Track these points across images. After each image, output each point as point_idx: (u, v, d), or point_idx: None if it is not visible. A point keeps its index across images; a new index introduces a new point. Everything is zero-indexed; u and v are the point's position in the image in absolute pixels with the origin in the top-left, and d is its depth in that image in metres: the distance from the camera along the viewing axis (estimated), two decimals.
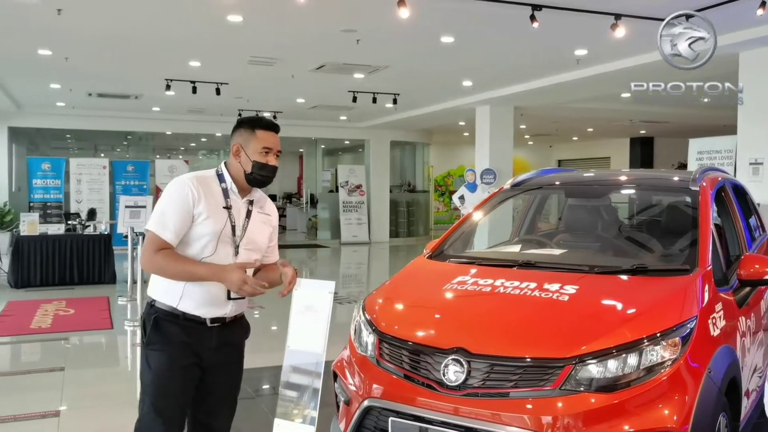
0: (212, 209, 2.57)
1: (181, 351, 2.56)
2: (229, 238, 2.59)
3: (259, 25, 7.21)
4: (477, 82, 10.82)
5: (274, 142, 2.67)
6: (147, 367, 2.57)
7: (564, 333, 2.71)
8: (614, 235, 4.07)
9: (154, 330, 2.55)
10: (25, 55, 8.85)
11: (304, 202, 20.13)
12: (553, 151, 23.83)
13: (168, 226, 2.51)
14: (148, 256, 2.52)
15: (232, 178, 2.66)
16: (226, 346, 2.70)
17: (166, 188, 2.61)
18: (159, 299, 2.58)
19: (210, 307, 2.59)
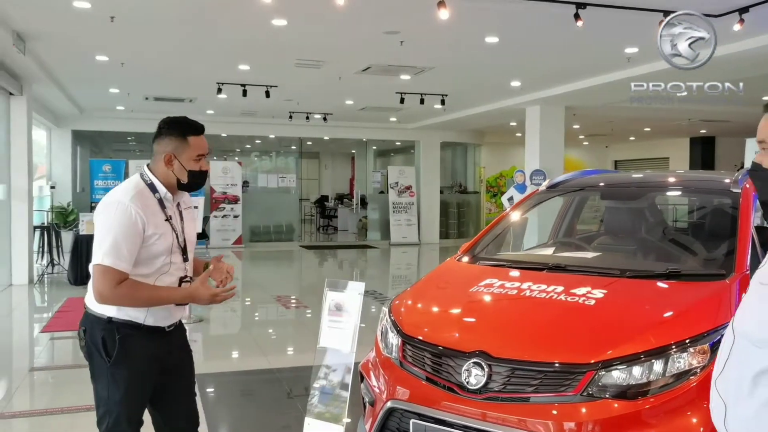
0: (159, 226, 2.50)
1: (148, 364, 2.57)
2: (177, 248, 2.58)
3: (303, 28, 7.31)
4: (525, 82, 10.68)
5: (205, 146, 2.59)
6: (115, 386, 2.49)
7: (587, 338, 2.66)
8: (651, 238, 3.96)
9: (122, 348, 2.48)
10: (85, 61, 9.22)
11: (354, 204, 20.26)
12: (609, 151, 23.29)
13: (123, 257, 2.40)
14: (109, 290, 2.38)
15: (163, 185, 2.56)
16: (180, 346, 2.76)
17: (104, 214, 2.45)
18: (117, 315, 2.48)
19: (169, 317, 2.62)
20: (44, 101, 12.60)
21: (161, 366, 2.62)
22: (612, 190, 4.22)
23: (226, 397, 5.16)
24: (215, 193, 16.15)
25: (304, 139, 18.63)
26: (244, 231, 16.45)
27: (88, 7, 6.52)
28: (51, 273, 11.03)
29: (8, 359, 6.37)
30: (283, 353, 6.52)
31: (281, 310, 8.63)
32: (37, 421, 4.55)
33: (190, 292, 2.51)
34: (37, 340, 7.04)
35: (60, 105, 13.33)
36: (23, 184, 10.25)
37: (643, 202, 4.06)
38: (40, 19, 7.08)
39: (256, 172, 18.91)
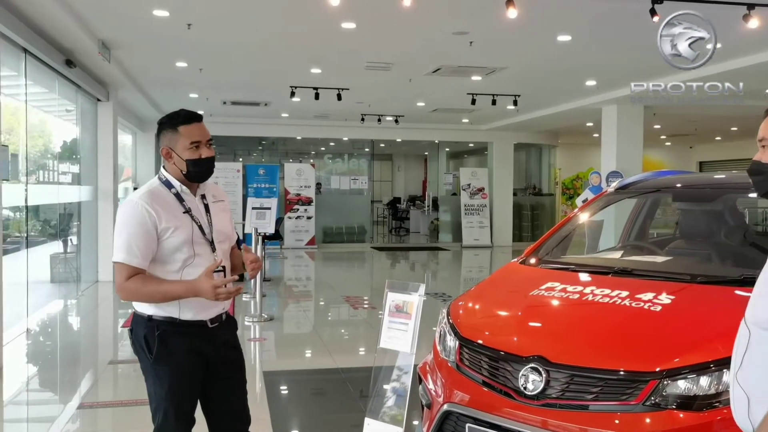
0: (175, 219, 2.53)
1: (191, 361, 2.57)
2: (201, 239, 2.58)
3: (371, 30, 7.36)
4: (601, 81, 10.37)
5: (200, 134, 2.57)
6: (159, 385, 2.54)
7: (651, 345, 2.54)
8: (730, 242, 3.75)
9: (162, 346, 2.52)
10: (165, 67, 9.60)
11: (426, 206, 20.23)
12: (694, 152, 22.31)
13: (135, 252, 2.45)
14: (120, 285, 2.47)
15: (178, 181, 2.61)
16: (227, 344, 2.72)
17: (119, 214, 2.53)
18: (156, 313, 2.53)
19: (207, 310, 2.60)
20: (129, 106, 13.21)
21: (206, 362, 2.62)
22: (686, 192, 4.02)
23: (290, 395, 5.25)
24: (289, 195, 16.49)
25: (376, 141, 18.76)
26: (317, 232, 16.71)
27: (167, 15, 6.78)
28: None
29: (91, 352, 6.71)
30: (349, 353, 6.57)
31: (350, 310, 8.71)
32: (114, 411, 4.77)
33: (192, 285, 2.46)
34: (118, 335, 7.38)
35: (144, 110, 13.94)
36: (109, 185, 10.77)
37: (720, 204, 3.85)
38: (123, 27, 7.42)
39: (329, 174, 19.18)
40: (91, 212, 10.66)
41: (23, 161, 7.92)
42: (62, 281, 10.17)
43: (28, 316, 7.49)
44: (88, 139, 10.59)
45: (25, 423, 4.87)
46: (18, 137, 7.96)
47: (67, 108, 10.14)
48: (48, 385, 5.71)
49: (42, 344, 7.17)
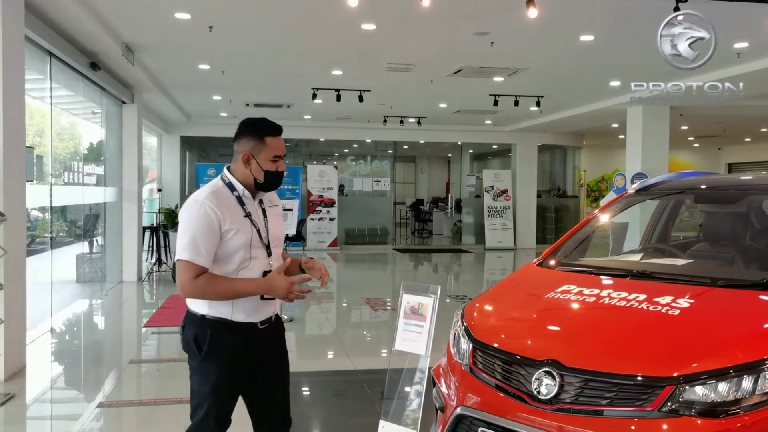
0: (237, 222, 2.59)
1: (237, 361, 2.63)
2: (258, 243, 2.65)
3: (391, 31, 7.34)
4: (626, 81, 10.22)
5: (282, 148, 2.66)
6: (205, 380, 2.61)
7: (667, 350, 2.47)
8: (757, 245, 3.65)
9: (212, 344, 2.58)
10: (188, 69, 9.69)
11: (449, 207, 20.15)
12: (723, 153, 21.91)
13: (200, 251, 2.51)
14: (188, 284, 2.51)
15: (241, 184, 2.64)
16: (273, 344, 2.79)
17: (184, 213, 2.57)
18: (209, 313, 2.59)
19: (258, 313, 2.67)
20: (154, 109, 13.36)
21: (254, 363, 2.68)
22: (708, 193, 3.93)
23: (307, 396, 5.24)
24: (312, 196, 16.53)
25: (399, 143, 18.74)
26: (340, 233, 16.73)
27: (188, 18, 6.84)
28: (158, 271, 11.65)
29: (114, 351, 6.78)
30: (367, 355, 6.55)
31: (371, 312, 8.68)
32: (134, 411, 4.80)
33: (266, 282, 2.56)
34: (141, 334, 7.45)
35: (168, 112, 14.09)
36: (133, 187, 10.90)
37: (744, 206, 3.75)
38: (146, 30, 7.50)
39: (352, 176, 19.20)
40: (115, 213, 10.79)
41: (49, 163, 8.05)
42: (88, 281, 10.32)
43: (53, 316, 7.60)
44: (113, 140, 10.72)
45: (48, 420, 4.92)
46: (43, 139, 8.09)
47: (93, 110, 10.29)
48: (69, 383, 5.78)
49: (65, 343, 7.27)
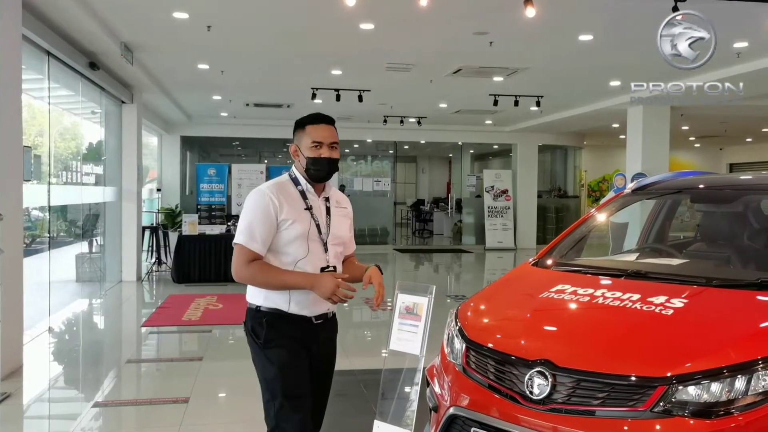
0: (295, 213, 2.65)
1: (298, 345, 2.67)
2: (316, 237, 2.69)
3: (391, 31, 7.33)
4: (626, 81, 10.20)
5: (324, 135, 2.70)
6: (269, 364, 2.64)
7: (660, 350, 2.46)
8: (749, 245, 3.64)
9: (270, 329, 2.63)
10: (188, 69, 9.68)
11: (449, 208, 20.13)
12: (724, 154, 21.87)
13: (255, 237, 2.59)
14: (240, 267, 2.60)
15: (304, 179, 2.74)
16: (328, 341, 2.83)
17: (247, 201, 2.67)
18: (264, 304, 2.65)
19: (314, 306, 2.70)
20: (154, 109, 13.36)
21: (309, 353, 2.71)
22: (705, 193, 3.91)
23: None
24: None
25: (400, 143, 18.73)
26: None
27: (186, 18, 6.83)
28: (158, 271, 11.65)
29: (113, 350, 6.77)
30: (366, 355, 6.53)
31: (369, 312, 8.67)
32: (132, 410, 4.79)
33: (314, 278, 2.58)
34: (139, 334, 7.44)
35: (169, 112, 14.09)
36: (133, 186, 10.90)
37: (740, 205, 3.73)
38: (144, 30, 7.50)
39: (353, 176, 19.18)
40: (115, 213, 10.80)
41: (48, 162, 8.05)
42: (87, 281, 10.32)
43: (51, 315, 7.60)
44: (112, 140, 10.73)
45: (45, 420, 4.92)
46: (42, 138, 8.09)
47: (93, 110, 10.29)
48: (66, 382, 5.77)
49: (63, 342, 7.26)
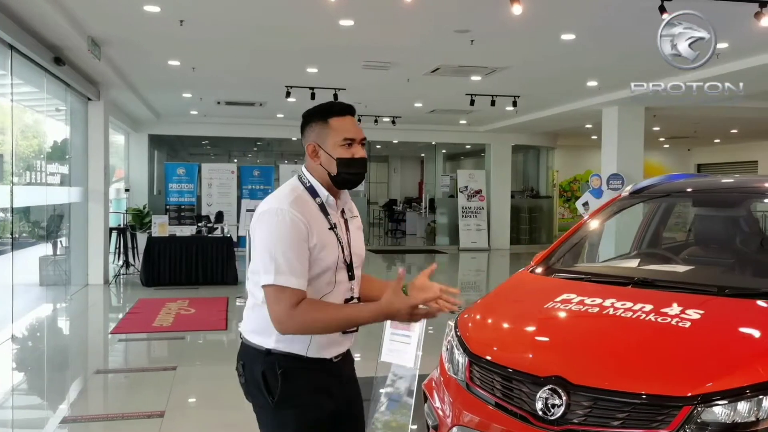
0: (323, 236, 2.09)
1: (319, 404, 2.15)
2: (343, 264, 2.15)
3: (370, 28, 7.14)
4: (603, 82, 10.17)
5: (355, 130, 2.14)
6: (283, 430, 2.13)
7: (684, 366, 2.32)
8: (751, 250, 3.54)
9: (287, 383, 2.09)
10: (157, 66, 9.34)
11: (423, 208, 20.02)
12: (692, 155, 22.16)
13: (296, 272, 2.01)
14: (287, 314, 1.99)
15: (324, 188, 2.16)
16: (349, 379, 2.32)
17: (264, 225, 2.06)
18: (277, 347, 2.10)
19: (334, 346, 2.20)
20: (122, 106, 12.95)
21: (334, 403, 2.19)
22: (706, 197, 3.81)
23: None
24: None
25: (373, 143, 18.55)
26: None
27: (158, 11, 6.54)
28: (126, 274, 11.28)
29: (79, 360, 6.46)
30: None
31: None
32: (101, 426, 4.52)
33: (383, 307, 2.01)
34: (107, 341, 7.13)
35: (137, 110, 13.68)
36: (99, 186, 10.52)
37: (741, 209, 3.64)
38: (113, 24, 7.17)
39: None
40: (81, 214, 10.42)
41: (10, 161, 7.67)
42: (51, 284, 9.91)
43: (14, 321, 7.24)
44: (78, 139, 10.34)
45: None
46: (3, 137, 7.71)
47: (57, 107, 9.89)
48: (31, 395, 5.46)
49: (27, 351, 6.92)
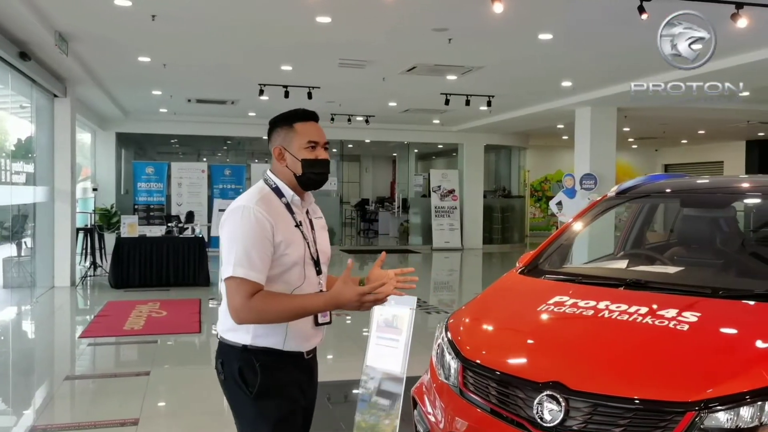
0: (288, 234, 2.24)
1: (296, 392, 2.29)
2: (310, 259, 2.30)
3: (348, 25, 7.04)
4: (577, 82, 10.23)
5: (318, 134, 2.32)
6: (262, 420, 2.21)
7: (685, 370, 2.27)
8: (738, 251, 3.53)
9: (266, 375, 2.20)
10: (127, 62, 9.12)
11: (396, 207, 19.95)
12: (659, 155, 22.51)
13: (256, 266, 2.14)
14: (242, 304, 2.12)
15: (289, 188, 2.33)
16: (314, 376, 2.45)
17: (229, 223, 2.21)
18: (254, 342, 2.21)
19: (308, 340, 2.33)
20: (88, 103, 12.62)
21: (305, 398, 2.33)
22: (695, 197, 3.79)
23: None
24: None
25: (345, 142, 18.43)
26: None
27: (129, 5, 6.35)
28: (93, 275, 10.99)
29: (47, 365, 6.23)
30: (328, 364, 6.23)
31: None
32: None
33: (333, 295, 2.17)
34: (75, 346, 6.90)
35: (104, 107, 13.36)
36: (66, 186, 10.23)
37: (729, 210, 3.62)
38: (82, 18, 6.96)
39: None
40: (47, 214, 10.11)
41: None
42: (15, 287, 9.59)
43: None
44: (44, 137, 10.03)
45: None
46: None
47: (21, 104, 9.59)
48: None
49: None
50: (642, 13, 5.75)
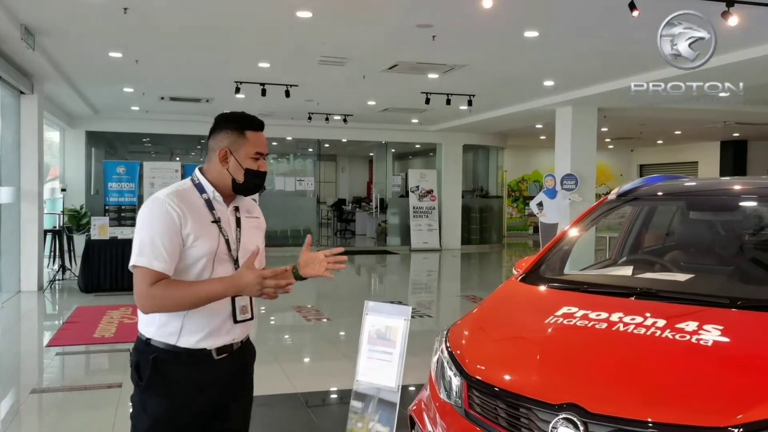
0: (201, 227, 2.20)
1: (188, 393, 2.20)
2: (225, 255, 2.24)
3: (329, 20, 6.81)
4: (560, 81, 10.12)
5: (265, 146, 2.33)
6: (143, 413, 2.18)
7: (714, 391, 2.09)
8: (746, 256, 3.38)
9: (154, 372, 2.16)
10: (97, 58, 8.79)
11: (373, 207, 19.74)
12: (635, 155, 22.64)
13: (159, 255, 2.10)
14: (143, 292, 2.09)
15: (214, 186, 2.28)
16: (236, 379, 2.34)
17: (141, 213, 2.18)
18: (156, 337, 2.18)
19: (215, 337, 2.23)
20: (57, 101, 12.21)
21: (209, 402, 2.24)
22: (700, 200, 3.64)
23: None
24: None
25: (321, 141, 18.17)
26: None
27: None
28: (62, 279, 10.60)
29: (12, 377, 5.89)
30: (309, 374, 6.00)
31: (303, 322, 8.11)
32: None
33: (233, 280, 2.12)
34: (43, 355, 6.56)
35: (73, 105, 12.94)
36: (33, 186, 9.85)
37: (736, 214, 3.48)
38: (49, 11, 6.63)
39: (273, 175, 18.45)
40: (13, 215, 9.72)
41: None
42: None
43: None
44: (9, 135, 9.64)
45: None
46: None
47: None
48: None
49: None
50: (633, 9, 5.63)
